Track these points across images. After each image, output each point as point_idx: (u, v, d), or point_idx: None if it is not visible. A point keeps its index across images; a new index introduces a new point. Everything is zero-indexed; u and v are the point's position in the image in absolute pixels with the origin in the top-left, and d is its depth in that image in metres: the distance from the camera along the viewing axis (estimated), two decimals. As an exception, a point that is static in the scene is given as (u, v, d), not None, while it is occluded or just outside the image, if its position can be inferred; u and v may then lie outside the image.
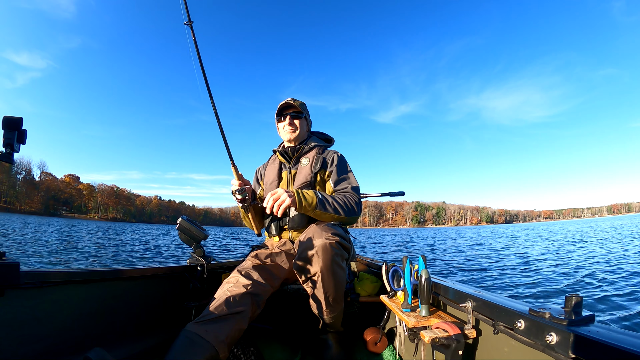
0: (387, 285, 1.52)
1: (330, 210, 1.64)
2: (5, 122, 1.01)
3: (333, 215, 1.65)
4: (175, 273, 1.77)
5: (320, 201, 1.63)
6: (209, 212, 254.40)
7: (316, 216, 1.67)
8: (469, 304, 1.10)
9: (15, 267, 1.05)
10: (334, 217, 1.66)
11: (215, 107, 1.66)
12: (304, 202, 1.59)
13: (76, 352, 1.22)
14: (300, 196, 1.59)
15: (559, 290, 5.23)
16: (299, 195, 1.59)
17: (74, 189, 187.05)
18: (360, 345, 1.84)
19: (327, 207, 1.64)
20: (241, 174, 1.74)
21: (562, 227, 50.20)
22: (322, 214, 1.64)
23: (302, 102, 2.00)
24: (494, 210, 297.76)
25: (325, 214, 1.64)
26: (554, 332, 0.75)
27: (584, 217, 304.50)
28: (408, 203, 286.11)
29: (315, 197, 1.62)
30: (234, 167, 1.70)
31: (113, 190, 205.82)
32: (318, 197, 1.63)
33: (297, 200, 1.58)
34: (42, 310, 1.16)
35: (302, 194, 1.61)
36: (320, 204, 1.62)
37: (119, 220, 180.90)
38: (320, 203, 1.62)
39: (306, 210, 1.62)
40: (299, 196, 1.59)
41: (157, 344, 1.50)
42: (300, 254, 1.47)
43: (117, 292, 1.46)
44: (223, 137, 1.67)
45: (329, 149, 2.01)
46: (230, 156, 1.69)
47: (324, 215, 1.65)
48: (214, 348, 1.23)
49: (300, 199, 1.59)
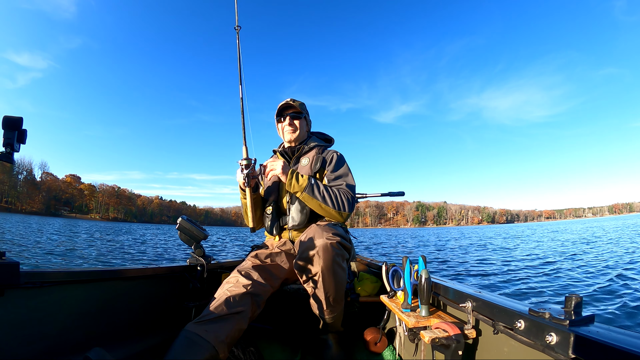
0: (387, 285, 1.52)
1: (318, 198, 1.67)
2: (5, 122, 1.01)
3: (320, 204, 1.68)
4: (175, 273, 1.77)
5: (310, 185, 1.67)
6: (210, 212, 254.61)
7: (303, 199, 1.70)
8: (469, 304, 1.10)
9: (15, 266, 1.05)
10: (321, 205, 1.68)
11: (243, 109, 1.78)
12: (294, 181, 1.66)
13: (76, 352, 1.22)
14: (293, 175, 1.67)
15: (608, 291, 4.94)
16: (292, 173, 1.67)
17: (75, 189, 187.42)
18: (360, 345, 1.84)
19: (317, 193, 1.67)
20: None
21: (567, 226, 49.92)
22: (310, 198, 1.67)
23: (302, 102, 2.00)
24: (495, 210, 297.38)
25: (313, 200, 1.67)
26: (553, 332, 0.75)
27: (585, 217, 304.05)
28: (409, 203, 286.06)
29: (307, 180, 1.67)
30: (246, 147, 1.73)
31: (114, 191, 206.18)
32: (310, 181, 1.68)
33: (288, 176, 1.66)
34: (42, 310, 1.16)
35: (296, 173, 1.68)
36: (309, 187, 1.66)
37: (120, 221, 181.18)
38: (309, 187, 1.66)
39: (294, 189, 1.67)
40: (292, 174, 1.67)
41: (157, 344, 1.51)
42: (300, 253, 1.47)
43: (117, 292, 1.46)
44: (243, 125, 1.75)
45: (329, 149, 2.01)
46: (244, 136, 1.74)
47: (311, 200, 1.68)
48: (214, 348, 1.23)
49: (292, 177, 1.67)
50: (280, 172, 1.68)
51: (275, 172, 1.68)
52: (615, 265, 7.35)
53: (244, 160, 1.70)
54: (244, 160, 1.70)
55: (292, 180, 1.67)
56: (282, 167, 1.68)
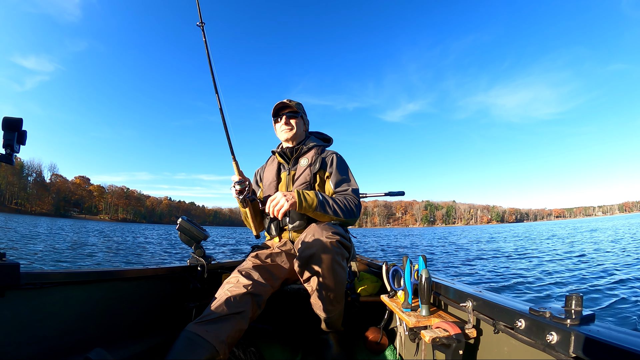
0: (388, 285, 1.51)
1: (330, 212, 1.66)
2: (5, 123, 1.01)
3: (332, 217, 1.67)
4: (175, 273, 1.78)
5: (320, 203, 1.64)
6: (219, 213, 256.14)
7: (315, 217, 1.68)
8: (470, 303, 1.09)
9: (16, 267, 1.05)
10: (333, 218, 1.68)
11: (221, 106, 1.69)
12: (304, 204, 1.61)
13: (77, 353, 1.22)
14: (301, 197, 1.61)
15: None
16: (299, 196, 1.61)
17: (84, 191, 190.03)
18: (361, 345, 1.83)
19: (327, 209, 1.65)
20: (242, 171, 1.74)
21: (581, 224, 48.75)
22: (322, 215, 1.65)
23: (299, 102, 2.00)
24: (504, 209, 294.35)
25: (325, 216, 1.66)
26: (554, 332, 0.75)
27: (595, 215, 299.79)
28: (418, 202, 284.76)
29: (316, 198, 1.64)
30: (235, 162, 1.71)
31: (123, 192, 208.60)
32: (319, 198, 1.64)
33: (297, 202, 1.59)
34: (43, 311, 1.17)
35: (302, 195, 1.62)
36: (320, 206, 1.64)
37: (129, 221, 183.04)
38: (320, 205, 1.64)
39: (306, 211, 1.63)
40: (299, 197, 1.60)
41: (157, 344, 1.51)
42: (300, 253, 1.47)
43: (117, 292, 1.47)
44: (227, 134, 1.69)
45: (328, 149, 2.00)
46: (232, 152, 1.70)
47: (324, 216, 1.66)
48: (214, 348, 1.23)
49: (301, 200, 1.60)
50: (288, 205, 1.57)
51: (286, 207, 1.57)
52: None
53: (236, 184, 1.69)
54: (237, 185, 1.69)
55: (302, 203, 1.60)
56: (286, 198, 1.58)
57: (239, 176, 1.71)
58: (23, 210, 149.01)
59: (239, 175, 1.71)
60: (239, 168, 1.72)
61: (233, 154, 1.70)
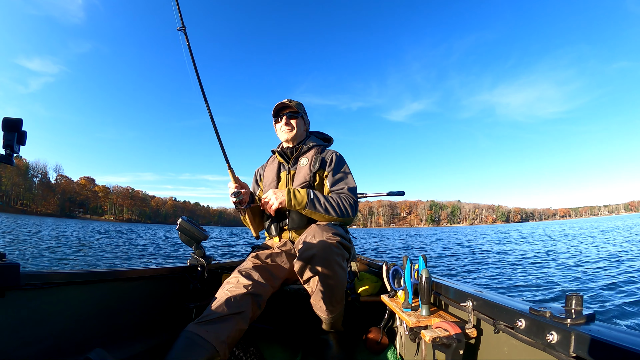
0: (388, 285, 1.51)
1: (320, 210, 1.66)
2: (5, 124, 1.01)
3: (324, 215, 1.67)
4: (175, 274, 1.78)
5: (310, 200, 1.65)
6: (224, 213, 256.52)
7: (307, 215, 1.70)
8: (470, 303, 1.09)
9: (16, 268, 1.05)
10: (325, 217, 1.68)
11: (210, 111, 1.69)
12: (293, 201, 1.64)
13: (77, 353, 1.23)
14: (290, 195, 1.64)
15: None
16: (289, 194, 1.64)
17: (89, 191, 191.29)
18: (361, 345, 1.83)
19: (318, 207, 1.66)
20: (238, 177, 1.76)
21: (590, 224, 47.97)
22: (313, 213, 1.67)
23: (299, 103, 2.00)
24: (510, 208, 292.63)
25: (316, 214, 1.67)
26: (554, 331, 0.74)
27: (600, 215, 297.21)
28: (422, 202, 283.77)
29: (306, 196, 1.66)
30: (231, 170, 1.72)
31: (128, 192, 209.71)
32: (309, 196, 1.66)
33: (286, 200, 1.64)
34: (43, 311, 1.17)
35: (292, 193, 1.65)
36: (310, 203, 1.65)
37: (134, 222, 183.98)
38: (310, 202, 1.65)
39: (295, 207, 1.67)
40: (289, 195, 1.64)
41: (157, 344, 1.51)
42: (300, 253, 1.46)
43: (117, 293, 1.47)
44: (219, 140, 1.69)
45: (328, 149, 1.99)
46: (226, 159, 1.71)
47: (315, 214, 1.67)
48: (214, 348, 1.23)
49: (290, 197, 1.64)
50: (277, 202, 1.66)
51: (275, 205, 1.67)
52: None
53: (233, 196, 1.70)
54: (234, 197, 1.70)
55: (291, 201, 1.65)
56: (276, 196, 1.68)
57: (235, 183, 1.73)
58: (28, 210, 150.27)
59: (234, 182, 1.73)
60: (234, 175, 1.73)
61: (228, 162, 1.71)
